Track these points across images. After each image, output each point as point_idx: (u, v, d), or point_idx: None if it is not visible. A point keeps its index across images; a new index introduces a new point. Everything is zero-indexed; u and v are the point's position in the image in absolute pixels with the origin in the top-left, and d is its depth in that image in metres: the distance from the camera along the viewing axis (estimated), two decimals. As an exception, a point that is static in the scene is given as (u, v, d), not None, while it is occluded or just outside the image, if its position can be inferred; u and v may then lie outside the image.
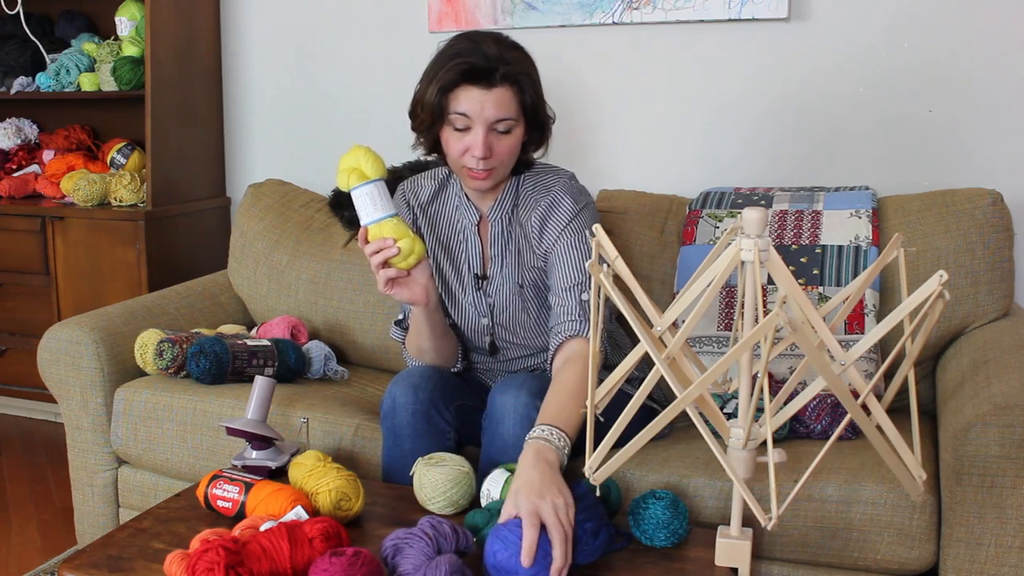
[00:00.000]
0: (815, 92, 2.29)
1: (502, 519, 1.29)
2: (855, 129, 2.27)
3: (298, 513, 1.38)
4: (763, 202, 2.08)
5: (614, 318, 1.73)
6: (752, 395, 1.24)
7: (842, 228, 1.97)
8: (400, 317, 1.83)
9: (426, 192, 1.81)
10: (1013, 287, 1.93)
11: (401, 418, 1.64)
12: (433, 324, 1.69)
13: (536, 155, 1.75)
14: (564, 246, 1.68)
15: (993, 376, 1.57)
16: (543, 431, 1.42)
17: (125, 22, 2.82)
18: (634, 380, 1.84)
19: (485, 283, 1.77)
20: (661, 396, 1.89)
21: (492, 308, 1.77)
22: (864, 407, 1.23)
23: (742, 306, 1.27)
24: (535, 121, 1.66)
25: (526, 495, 1.28)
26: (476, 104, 1.57)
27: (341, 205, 2.40)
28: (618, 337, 1.88)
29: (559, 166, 1.78)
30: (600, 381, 1.36)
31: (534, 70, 1.65)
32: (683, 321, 1.76)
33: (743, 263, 1.21)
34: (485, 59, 1.57)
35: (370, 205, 1.55)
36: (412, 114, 1.68)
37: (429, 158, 1.78)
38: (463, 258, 1.78)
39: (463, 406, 1.70)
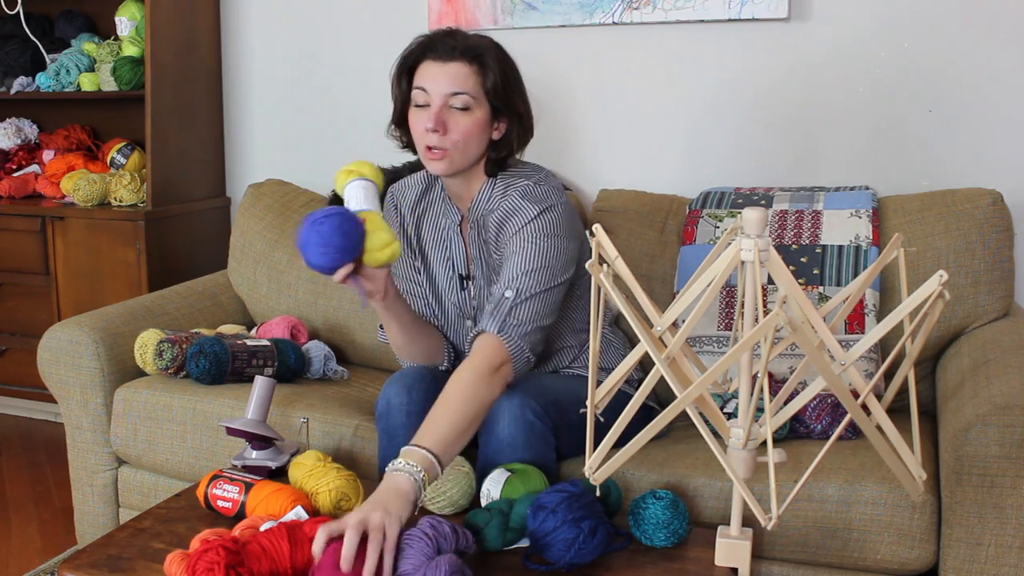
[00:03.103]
0: (815, 92, 2.28)
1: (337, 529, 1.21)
2: (855, 129, 2.27)
3: (298, 513, 1.38)
4: (763, 202, 2.08)
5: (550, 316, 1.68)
6: (752, 395, 1.24)
7: (842, 228, 1.97)
8: None
9: (413, 193, 1.82)
10: (1013, 287, 1.93)
11: (396, 419, 1.64)
12: (398, 316, 1.65)
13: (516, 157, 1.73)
14: (509, 253, 1.64)
15: (993, 376, 1.57)
16: (406, 465, 1.32)
17: (125, 22, 2.82)
18: (633, 381, 1.84)
19: (470, 283, 1.77)
20: (659, 397, 1.89)
21: (476, 310, 1.77)
22: (864, 407, 1.23)
23: (742, 306, 1.27)
24: (503, 111, 1.64)
25: (361, 507, 1.24)
26: (432, 77, 1.61)
27: (340, 205, 2.40)
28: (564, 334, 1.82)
29: (536, 165, 1.75)
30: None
31: (505, 57, 1.65)
32: (683, 321, 1.76)
33: (743, 263, 1.21)
34: (450, 37, 1.62)
35: (362, 196, 1.55)
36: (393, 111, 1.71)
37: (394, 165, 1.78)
38: (447, 258, 1.78)
39: None
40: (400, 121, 1.71)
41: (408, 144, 1.73)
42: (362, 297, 1.55)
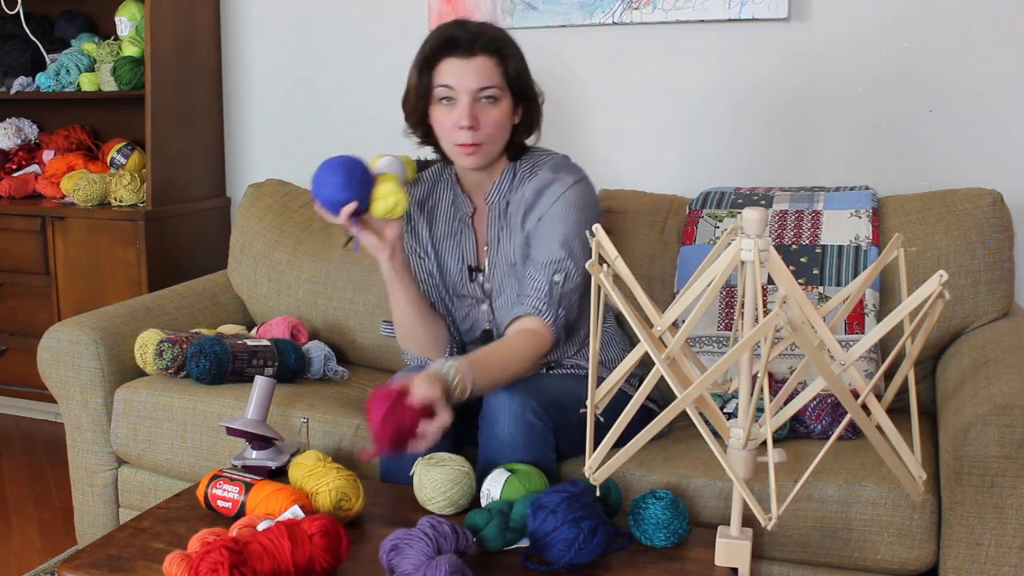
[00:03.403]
0: (815, 92, 2.29)
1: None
2: (855, 129, 2.27)
3: (294, 512, 1.38)
4: (763, 202, 2.09)
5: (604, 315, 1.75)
6: (752, 395, 1.24)
7: (842, 228, 1.97)
8: (390, 319, 1.83)
9: (420, 190, 1.84)
10: (1013, 287, 1.93)
11: None
12: (406, 286, 1.70)
13: (529, 141, 1.77)
14: (550, 219, 1.68)
15: (993, 376, 1.57)
16: (448, 367, 1.46)
17: (125, 22, 2.82)
18: (634, 379, 1.85)
19: (479, 275, 1.78)
20: (659, 396, 1.89)
21: (490, 295, 1.78)
22: (864, 407, 1.23)
23: (742, 306, 1.27)
24: (522, 96, 1.69)
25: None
26: (458, 74, 1.63)
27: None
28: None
29: (552, 150, 1.80)
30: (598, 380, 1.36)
31: (517, 47, 1.69)
32: (683, 321, 1.76)
33: (743, 263, 1.21)
34: (464, 31, 1.64)
35: (384, 164, 1.67)
36: (404, 104, 1.73)
37: (430, 158, 1.80)
38: (456, 250, 1.79)
39: (463, 406, 1.69)
40: (419, 119, 1.71)
41: (425, 140, 1.75)
42: (356, 241, 1.64)
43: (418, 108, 1.69)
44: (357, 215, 1.60)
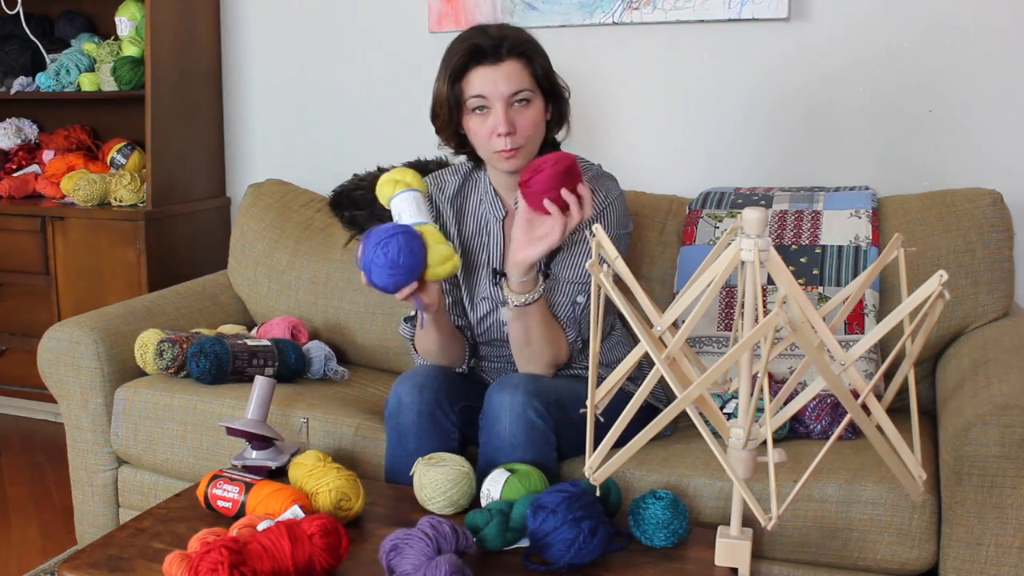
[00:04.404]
0: (815, 92, 2.28)
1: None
2: (855, 129, 2.27)
3: (295, 512, 1.38)
4: (763, 202, 2.09)
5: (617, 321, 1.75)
6: (752, 395, 1.24)
7: (842, 228, 1.97)
8: (412, 314, 1.83)
9: (450, 187, 1.82)
10: (1013, 287, 1.93)
11: (406, 418, 1.64)
12: (441, 326, 1.69)
13: (559, 136, 1.77)
14: (584, 237, 1.69)
15: (993, 376, 1.57)
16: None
17: (125, 22, 2.82)
18: (635, 378, 1.85)
19: (502, 278, 1.77)
20: (662, 395, 1.89)
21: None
22: (864, 407, 1.23)
23: (742, 306, 1.27)
24: (551, 93, 1.69)
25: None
26: (489, 82, 1.61)
27: (341, 205, 2.40)
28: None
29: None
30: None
31: (540, 46, 1.69)
32: (683, 321, 1.76)
33: (743, 263, 1.21)
34: (488, 37, 1.62)
35: (414, 208, 1.57)
36: (433, 116, 1.71)
37: (430, 158, 1.79)
38: (483, 253, 1.79)
39: (468, 407, 1.69)
40: (453, 131, 1.70)
41: (460, 150, 1.75)
42: (421, 313, 1.60)
43: (452, 120, 1.67)
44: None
